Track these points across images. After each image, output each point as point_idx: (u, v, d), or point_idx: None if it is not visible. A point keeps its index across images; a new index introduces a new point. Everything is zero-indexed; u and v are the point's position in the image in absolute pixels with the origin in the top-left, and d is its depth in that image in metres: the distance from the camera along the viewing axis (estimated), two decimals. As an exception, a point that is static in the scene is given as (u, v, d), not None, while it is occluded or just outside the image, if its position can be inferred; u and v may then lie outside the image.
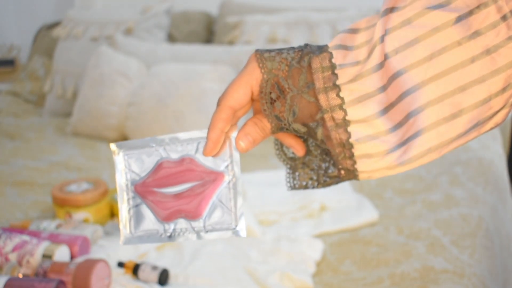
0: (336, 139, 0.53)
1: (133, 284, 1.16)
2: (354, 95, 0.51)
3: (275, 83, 0.53)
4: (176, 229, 0.58)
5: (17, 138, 2.31)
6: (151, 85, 2.18)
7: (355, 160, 0.53)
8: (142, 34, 2.55)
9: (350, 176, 0.55)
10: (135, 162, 0.59)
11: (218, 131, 0.54)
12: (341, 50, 0.52)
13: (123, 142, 0.59)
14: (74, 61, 2.58)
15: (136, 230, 0.59)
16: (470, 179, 1.68)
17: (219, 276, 1.18)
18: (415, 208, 1.53)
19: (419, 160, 0.50)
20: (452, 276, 1.20)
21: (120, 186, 0.60)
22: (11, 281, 1.05)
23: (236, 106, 0.54)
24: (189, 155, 0.57)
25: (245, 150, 0.55)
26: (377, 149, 0.51)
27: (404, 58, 0.49)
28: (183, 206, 0.57)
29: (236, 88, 0.54)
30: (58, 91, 2.57)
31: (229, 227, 0.56)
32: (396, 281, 1.20)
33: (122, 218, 0.59)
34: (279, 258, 1.29)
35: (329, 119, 0.52)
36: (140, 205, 0.59)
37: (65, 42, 2.64)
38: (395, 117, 0.50)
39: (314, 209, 1.50)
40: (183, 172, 0.57)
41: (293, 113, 0.53)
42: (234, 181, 0.56)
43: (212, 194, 0.57)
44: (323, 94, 0.52)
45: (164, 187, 0.58)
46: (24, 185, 1.82)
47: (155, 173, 0.58)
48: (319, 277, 1.24)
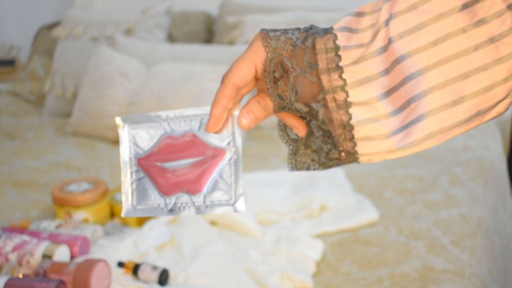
0: (337, 120, 0.53)
1: (133, 284, 1.16)
2: (356, 77, 0.51)
3: (279, 62, 0.54)
4: (177, 203, 0.59)
5: (17, 138, 2.31)
6: (151, 85, 2.18)
7: (355, 142, 0.54)
8: (142, 34, 2.55)
9: (350, 159, 0.55)
10: (139, 136, 0.60)
11: (221, 107, 0.54)
12: (345, 33, 0.52)
13: (128, 116, 0.60)
14: (74, 61, 2.58)
15: (138, 203, 0.60)
16: (470, 179, 1.68)
17: (219, 276, 1.18)
18: (415, 208, 1.53)
19: (420, 145, 0.51)
20: (452, 276, 1.20)
21: (124, 160, 0.61)
22: (11, 281, 1.05)
23: (240, 84, 0.54)
24: (192, 130, 0.58)
25: (247, 128, 0.55)
26: (378, 132, 0.52)
27: (409, 43, 0.49)
28: (185, 180, 0.58)
29: (241, 65, 0.54)
30: (58, 91, 2.57)
31: (228, 202, 0.57)
32: (396, 281, 1.20)
33: (124, 191, 0.60)
34: (279, 258, 1.29)
35: (331, 100, 0.52)
36: (143, 178, 0.60)
37: (65, 42, 2.64)
38: (396, 101, 0.51)
39: (314, 209, 1.50)
40: (186, 147, 0.58)
41: (296, 92, 0.53)
42: (235, 158, 0.57)
43: (213, 169, 0.57)
44: (325, 74, 0.52)
45: (167, 161, 0.59)
46: (24, 185, 1.82)
47: (158, 147, 0.59)
48: (319, 277, 1.24)
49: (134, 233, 1.32)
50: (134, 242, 1.30)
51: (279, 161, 1.91)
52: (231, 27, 2.53)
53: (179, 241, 1.31)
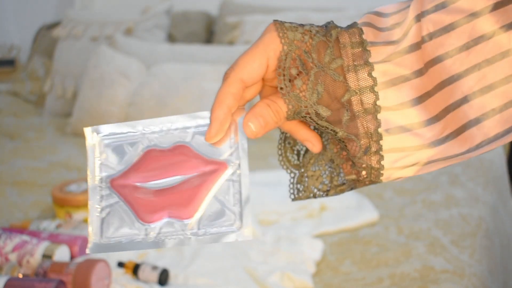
0: (363, 128, 0.45)
1: (133, 284, 1.16)
2: (388, 77, 0.45)
3: (297, 56, 0.45)
4: (162, 232, 0.46)
5: (17, 138, 2.31)
6: (151, 85, 2.18)
7: (382, 155, 0.46)
8: (142, 34, 2.55)
9: (371, 177, 0.47)
10: (114, 151, 0.48)
11: (225, 108, 0.45)
12: (371, 28, 0.46)
13: (100, 126, 0.49)
14: (74, 61, 2.58)
15: (109, 235, 0.47)
16: (470, 179, 1.68)
17: (219, 276, 1.18)
18: (415, 208, 1.53)
19: (467, 155, 0.45)
20: (452, 276, 1.20)
21: (92, 181, 0.48)
22: (11, 281, 1.05)
23: (248, 81, 0.46)
24: (184, 142, 0.48)
25: (254, 135, 0.46)
26: (409, 144, 0.45)
27: (440, 45, 0.44)
28: (172, 203, 0.47)
29: (250, 58, 0.45)
30: (58, 91, 2.57)
31: (230, 229, 0.46)
32: (396, 281, 1.20)
33: (92, 220, 0.47)
34: (279, 258, 1.29)
35: (357, 102, 0.45)
36: (116, 204, 0.48)
37: (65, 42, 2.64)
38: (432, 108, 0.44)
39: (314, 209, 1.50)
40: (175, 162, 0.47)
41: (317, 92, 0.45)
42: (239, 172, 0.46)
43: (210, 187, 0.46)
44: (352, 72, 0.45)
45: (150, 180, 0.47)
46: (24, 185, 1.82)
47: (138, 163, 0.48)
48: (319, 277, 1.24)
49: (134, 233, 1.32)
50: (134, 242, 1.30)
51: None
52: (231, 27, 2.53)
53: (179, 241, 1.30)
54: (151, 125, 0.48)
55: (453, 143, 0.44)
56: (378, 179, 0.47)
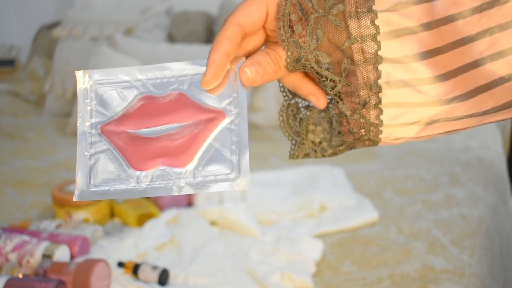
0: (363, 78, 0.43)
1: (133, 284, 1.16)
2: (392, 27, 0.42)
3: (296, 1, 0.44)
4: (154, 180, 0.44)
5: (17, 138, 2.31)
6: (151, 85, 2.18)
7: (381, 108, 0.44)
8: (142, 34, 2.56)
9: (370, 135, 0.45)
10: (106, 97, 0.46)
11: (222, 53, 0.44)
12: None
13: (94, 70, 0.47)
14: (74, 61, 2.58)
15: (97, 182, 0.45)
16: (470, 179, 1.68)
17: (219, 276, 1.18)
18: (415, 208, 1.53)
19: (479, 118, 0.43)
20: (452, 276, 1.20)
21: (82, 127, 0.46)
22: (11, 281, 1.05)
23: (247, 25, 0.44)
24: (180, 89, 0.46)
25: (250, 82, 0.44)
26: (411, 99, 0.43)
27: (453, 4, 0.41)
28: (166, 150, 0.45)
29: (249, 3, 0.44)
30: (58, 91, 2.57)
31: (227, 177, 0.44)
32: (396, 281, 1.20)
33: (79, 167, 0.45)
34: (279, 258, 1.29)
35: (358, 51, 0.43)
36: (106, 151, 0.45)
37: (65, 42, 2.64)
38: (440, 65, 0.42)
39: (314, 209, 1.50)
40: (171, 109, 0.45)
41: (317, 37, 0.43)
42: (238, 121, 0.45)
43: (207, 135, 0.45)
44: (354, 19, 0.42)
45: (143, 127, 0.45)
46: (24, 185, 1.82)
47: (131, 110, 0.46)
48: (319, 277, 1.24)
49: (134, 233, 1.32)
50: (134, 242, 1.30)
51: (279, 161, 1.91)
52: (231, 27, 2.53)
53: (179, 241, 1.31)
54: (146, 71, 0.46)
55: (461, 105, 0.42)
56: (377, 138, 0.45)
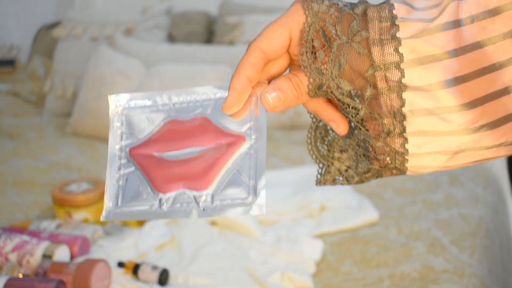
0: (386, 106, 0.43)
1: (133, 284, 1.16)
2: (416, 54, 0.41)
3: (320, 28, 0.44)
4: (176, 202, 0.47)
5: (17, 138, 2.31)
6: (151, 85, 2.18)
7: (406, 137, 0.43)
8: (142, 34, 2.55)
9: (396, 163, 0.44)
10: (135, 121, 0.49)
11: (244, 78, 0.44)
12: (405, 6, 0.43)
13: (124, 95, 0.50)
14: (74, 61, 2.58)
15: (123, 203, 0.48)
16: (470, 179, 1.68)
17: (219, 276, 1.18)
18: (415, 208, 1.53)
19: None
20: (452, 276, 1.20)
21: (112, 149, 0.49)
22: (11, 281, 1.05)
23: (269, 52, 0.44)
24: (203, 113, 0.47)
25: (272, 108, 0.44)
26: (436, 128, 0.42)
27: (482, 30, 0.40)
28: (188, 174, 0.46)
29: (272, 29, 0.44)
30: (58, 91, 2.57)
31: (243, 202, 0.45)
32: (396, 281, 1.20)
33: (108, 188, 0.48)
34: (279, 258, 1.29)
35: (381, 78, 0.42)
36: (133, 173, 0.48)
37: (65, 42, 2.64)
38: (465, 94, 0.41)
39: (314, 209, 1.50)
40: (194, 134, 0.47)
41: (339, 64, 0.43)
42: (257, 146, 0.46)
43: (226, 160, 0.46)
44: (378, 46, 0.42)
45: (168, 151, 0.47)
46: (24, 185, 1.82)
47: (158, 133, 0.48)
48: (319, 277, 1.24)
49: (134, 233, 1.32)
50: (134, 242, 1.30)
51: (279, 161, 1.91)
52: (231, 27, 2.53)
53: (179, 241, 1.31)
54: (173, 96, 0.48)
55: (488, 134, 0.41)
56: (403, 167, 0.44)
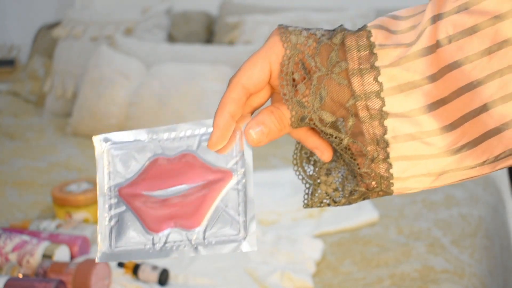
0: (369, 134, 0.43)
1: (133, 284, 1.16)
2: (396, 82, 0.42)
3: (299, 60, 0.44)
4: (168, 241, 0.47)
5: (17, 138, 2.31)
6: (151, 85, 2.18)
7: (390, 162, 0.44)
8: (142, 34, 2.56)
9: (382, 187, 0.45)
10: (122, 159, 0.49)
11: (227, 115, 0.44)
12: (382, 31, 0.44)
13: (109, 135, 0.50)
14: (74, 61, 2.58)
15: (117, 244, 0.48)
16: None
17: (219, 276, 1.18)
18: (415, 208, 1.53)
19: (491, 165, 0.42)
20: (452, 276, 1.20)
21: (101, 190, 0.49)
22: (11, 281, 1.05)
23: (251, 87, 0.45)
24: (189, 150, 0.48)
25: (256, 143, 0.45)
26: (419, 152, 0.43)
27: (459, 49, 0.41)
28: (178, 212, 0.47)
29: (252, 64, 0.45)
30: (58, 91, 2.57)
31: (235, 239, 0.47)
32: (396, 281, 1.20)
33: (100, 229, 0.48)
34: (279, 258, 1.29)
35: (363, 108, 0.43)
36: (124, 212, 0.49)
37: (65, 42, 2.64)
38: (447, 116, 0.42)
39: (314, 209, 1.50)
40: (181, 171, 0.48)
41: (320, 97, 0.44)
42: (244, 182, 0.47)
43: (215, 197, 0.47)
44: (357, 76, 0.43)
45: (156, 189, 0.48)
46: (24, 185, 1.82)
47: (145, 172, 0.49)
48: (319, 277, 1.24)
49: (134, 233, 1.32)
50: (134, 242, 1.30)
51: (279, 161, 1.91)
52: (231, 27, 2.53)
53: (179, 241, 1.31)
54: (158, 133, 0.49)
55: (470, 154, 0.42)
56: (389, 190, 0.45)
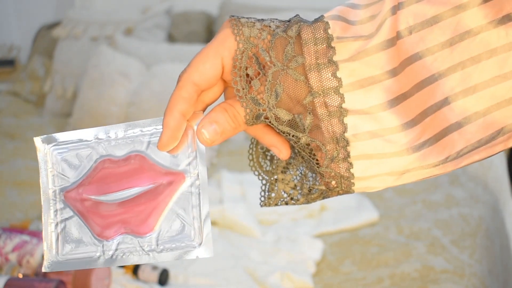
0: (328, 132, 0.41)
1: (133, 284, 1.16)
2: (355, 77, 0.40)
3: (253, 55, 0.41)
4: (119, 248, 0.44)
5: (17, 138, 2.31)
6: (151, 85, 2.18)
7: (350, 162, 0.42)
8: (142, 34, 2.56)
9: (343, 186, 0.43)
10: (67, 161, 0.46)
11: (177, 114, 0.41)
12: (340, 22, 0.41)
13: (51, 136, 0.47)
14: (74, 61, 2.58)
15: (65, 252, 0.45)
16: (470, 179, 1.68)
17: (219, 276, 1.18)
18: (415, 208, 1.53)
19: (446, 165, 0.40)
20: (452, 276, 1.20)
21: (45, 194, 0.46)
22: (11, 281, 1.05)
23: (202, 83, 0.42)
24: (138, 151, 0.44)
25: (209, 143, 0.42)
26: (381, 150, 0.41)
27: (420, 40, 0.39)
28: (128, 217, 0.44)
29: (203, 59, 0.41)
30: (58, 91, 2.57)
31: (190, 244, 0.43)
32: (396, 281, 1.20)
33: (46, 236, 0.45)
34: (279, 258, 1.29)
35: (321, 105, 0.41)
36: (71, 218, 0.45)
37: (65, 42, 2.64)
38: (407, 112, 0.40)
39: (314, 209, 1.50)
40: (130, 173, 0.44)
41: (276, 94, 0.41)
42: (198, 183, 0.43)
43: (168, 200, 0.44)
44: (315, 71, 0.40)
45: (104, 193, 0.45)
46: (24, 185, 1.82)
47: (92, 175, 0.45)
48: (319, 277, 1.24)
49: (134, 233, 1.32)
50: (134, 242, 1.30)
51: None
52: (231, 27, 2.53)
53: (179, 241, 1.31)
54: (105, 133, 0.45)
55: (432, 150, 0.40)
56: (350, 189, 0.43)
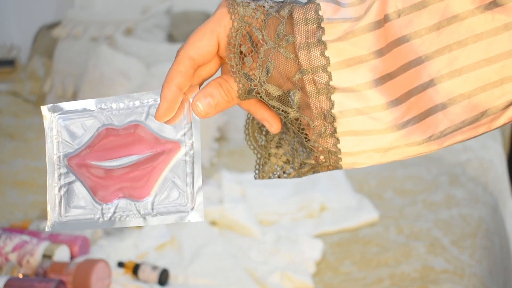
0: (316, 109, 0.43)
1: (133, 284, 1.16)
2: (343, 57, 0.42)
3: (247, 33, 0.44)
4: (117, 211, 0.48)
5: (17, 138, 2.31)
6: (151, 85, 2.18)
7: (337, 137, 0.44)
8: (142, 34, 2.56)
9: (331, 161, 0.45)
10: (71, 129, 0.49)
11: (174, 87, 0.44)
12: (331, 4, 0.43)
13: (57, 105, 0.50)
14: (74, 61, 2.58)
15: (67, 213, 0.49)
16: (470, 179, 1.68)
17: (219, 276, 1.18)
18: (415, 208, 1.53)
19: (427, 144, 0.42)
20: (452, 276, 1.20)
21: (50, 159, 0.49)
22: (11, 281, 1.05)
23: (198, 59, 0.45)
24: (138, 121, 0.48)
25: (204, 115, 0.45)
26: (366, 127, 0.43)
27: (409, 23, 0.41)
28: (127, 183, 0.48)
29: (199, 36, 0.45)
30: (58, 91, 2.57)
31: (183, 209, 0.47)
32: (396, 281, 1.20)
33: (50, 198, 0.49)
34: (279, 258, 1.29)
35: (309, 82, 0.43)
36: (74, 182, 0.49)
37: (65, 42, 2.64)
38: (393, 91, 0.42)
39: (314, 209, 1.50)
40: (129, 142, 0.48)
41: (267, 70, 0.44)
42: (193, 153, 0.47)
43: (163, 168, 0.47)
44: (304, 50, 0.43)
45: (105, 160, 0.48)
46: (24, 185, 1.82)
47: (94, 142, 0.49)
48: (319, 277, 1.24)
49: (134, 233, 1.32)
50: (134, 242, 1.30)
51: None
52: (231, 27, 2.53)
53: (179, 241, 1.31)
54: (107, 102, 0.48)
55: (416, 128, 0.42)
56: (338, 164, 0.45)
